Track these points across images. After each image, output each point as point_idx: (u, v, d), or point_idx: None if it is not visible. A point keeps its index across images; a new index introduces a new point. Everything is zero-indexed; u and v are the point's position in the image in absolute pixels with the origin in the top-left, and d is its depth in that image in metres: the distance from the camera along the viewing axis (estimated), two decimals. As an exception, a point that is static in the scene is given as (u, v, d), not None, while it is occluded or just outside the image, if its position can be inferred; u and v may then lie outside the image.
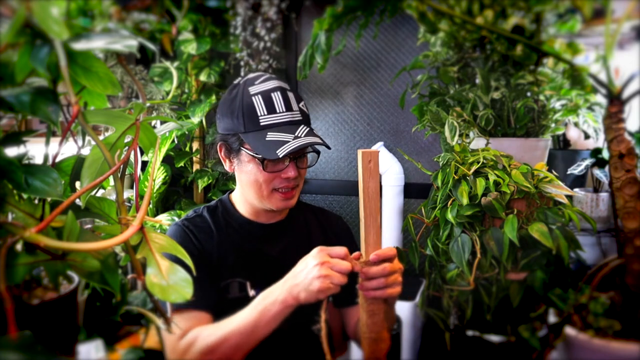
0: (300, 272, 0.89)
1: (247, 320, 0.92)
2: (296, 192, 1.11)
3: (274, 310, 0.90)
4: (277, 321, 0.91)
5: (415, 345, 1.82)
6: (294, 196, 1.11)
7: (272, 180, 1.07)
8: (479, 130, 1.25)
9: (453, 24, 1.32)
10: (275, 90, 1.06)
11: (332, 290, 0.85)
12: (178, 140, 2.29)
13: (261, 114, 1.04)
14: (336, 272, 0.85)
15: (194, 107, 2.27)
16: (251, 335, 0.92)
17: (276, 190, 1.08)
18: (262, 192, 1.08)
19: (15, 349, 0.39)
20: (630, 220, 0.80)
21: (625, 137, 0.82)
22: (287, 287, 0.89)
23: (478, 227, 0.98)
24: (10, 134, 0.59)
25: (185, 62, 2.28)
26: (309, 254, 0.90)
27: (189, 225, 1.12)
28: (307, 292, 0.86)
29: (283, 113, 1.04)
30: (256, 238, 1.15)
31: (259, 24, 2.20)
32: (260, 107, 1.04)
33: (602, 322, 0.77)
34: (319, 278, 0.84)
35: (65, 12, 0.55)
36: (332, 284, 0.85)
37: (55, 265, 0.54)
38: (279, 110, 1.04)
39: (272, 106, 1.04)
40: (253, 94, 1.06)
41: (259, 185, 1.07)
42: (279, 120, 1.04)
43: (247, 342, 0.93)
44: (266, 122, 1.04)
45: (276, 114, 1.04)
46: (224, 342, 0.93)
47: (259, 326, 0.91)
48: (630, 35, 1.16)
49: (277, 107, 1.05)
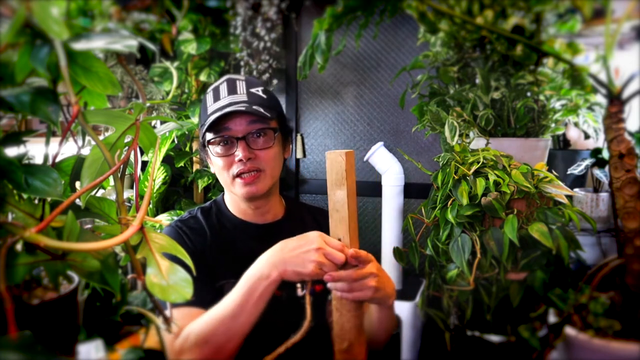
0: (293, 249, 0.88)
1: (234, 302, 0.91)
2: (260, 176, 1.08)
3: (262, 287, 0.89)
4: (266, 298, 0.89)
5: (415, 345, 1.82)
6: (255, 182, 1.08)
7: (230, 166, 1.08)
8: (479, 130, 1.25)
9: (453, 24, 1.32)
10: (224, 81, 1.13)
11: (320, 276, 0.86)
12: (178, 140, 2.29)
13: (210, 104, 1.11)
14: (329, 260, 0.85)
15: (194, 107, 2.27)
16: (240, 318, 0.90)
17: (236, 176, 1.08)
18: (227, 180, 1.10)
19: (15, 349, 0.39)
20: (630, 220, 0.80)
21: (625, 137, 0.81)
22: (274, 261, 0.89)
23: (478, 227, 0.98)
24: (10, 134, 0.59)
25: (185, 62, 2.28)
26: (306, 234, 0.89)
27: (182, 226, 1.12)
28: (295, 272, 0.86)
29: (225, 98, 1.09)
30: (250, 238, 1.14)
31: (259, 24, 2.20)
32: (210, 99, 1.12)
33: (602, 322, 0.77)
34: (313, 262, 0.85)
35: (65, 12, 0.55)
36: (322, 271, 0.85)
37: (55, 265, 0.54)
38: (222, 97, 1.10)
39: (218, 95, 1.11)
40: (208, 91, 1.14)
41: (222, 173, 1.10)
42: (219, 105, 1.08)
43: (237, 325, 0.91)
44: (212, 109, 1.09)
45: (219, 100, 1.09)
46: (215, 329, 0.91)
47: (247, 307, 0.89)
48: (630, 35, 1.16)
49: (222, 94, 1.10)
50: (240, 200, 1.13)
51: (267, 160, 1.09)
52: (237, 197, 1.12)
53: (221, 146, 1.08)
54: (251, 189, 1.07)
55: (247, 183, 1.07)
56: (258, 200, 1.13)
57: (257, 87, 1.12)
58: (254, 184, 1.07)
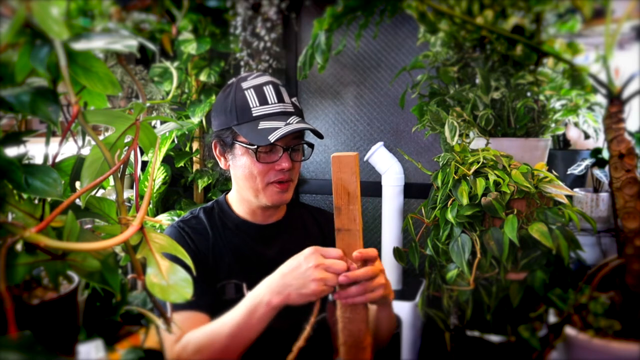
0: (291, 272, 0.86)
1: (233, 322, 0.91)
2: (291, 186, 1.10)
3: (260, 312, 0.88)
4: (264, 322, 0.89)
5: (415, 345, 1.82)
6: (288, 190, 1.09)
7: (267, 172, 1.07)
8: (479, 130, 1.25)
9: (453, 24, 1.32)
10: (267, 84, 1.08)
11: (326, 293, 0.84)
12: (178, 140, 2.29)
13: (253, 105, 1.06)
14: (331, 273, 0.83)
15: (194, 107, 2.27)
16: (238, 337, 0.90)
17: (271, 184, 1.07)
18: (257, 186, 1.08)
19: (15, 349, 0.39)
20: (630, 220, 0.80)
21: (625, 137, 0.81)
22: (275, 288, 0.87)
23: (478, 227, 0.98)
24: (10, 134, 0.59)
25: (185, 62, 2.28)
26: (301, 253, 0.88)
27: (184, 227, 1.12)
28: (298, 294, 0.84)
29: (275, 104, 1.06)
30: (252, 239, 1.14)
31: (259, 24, 2.20)
32: (252, 99, 1.07)
33: (602, 322, 0.77)
34: (314, 281, 0.83)
35: (65, 12, 0.54)
36: (326, 286, 0.83)
37: (55, 265, 0.54)
38: (270, 102, 1.06)
39: (264, 98, 1.07)
40: (245, 88, 1.08)
41: (254, 178, 1.07)
42: (271, 111, 1.06)
43: (235, 343, 0.91)
44: (258, 112, 1.06)
45: (268, 105, 1.06)
46: (212, 343, 0.92)
47: (246, 328, 0.89)
48: (630, 35, 1.17)
49: (269, 98, 1.07)
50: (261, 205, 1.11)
51: (297, 171, 1.12)
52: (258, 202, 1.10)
53: (265, 153, 1.06)
54: (282, 197, 1.09)
55: (282, 190, 1.08)
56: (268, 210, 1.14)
57: (294, 96, 1.13)
58: (286, 192, 1.09)
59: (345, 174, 0.81)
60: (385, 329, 1.06)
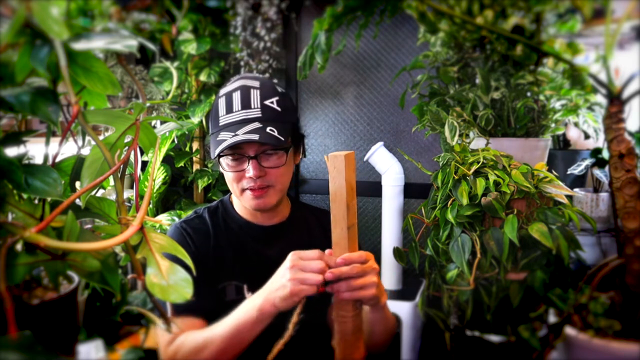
0: (275, 278, 0.88)
1: (229, 327, 0.92)
2: (269, 191, 1.07)
3: (254, 318, 0.89)
4: (259, 328, 0.90)
5: (415, 345, 1.82)
6: (264, 196, 1.07)
7: (239, 180, 1.07)
8: (479, 130, 1.25)
9: (453, 24, 1.32)
10: (237, 89, 1.07)
11: (306, 292, 0.83)
12: (178, 140, 2.29)
13: (222, 113, 1.07)
14: (308, 272, 0.83)
15: (194, 107, 2.27)
16: (234, 342, 0.91)
17: (245, 190, 1.07)
18: (236, 192, 1.09)
19: (15, 349, 0.39)
20: (630, 220, 0.80)
21: (625, 137, 0.81)
22: (265, 295, 0.88)
23: (478, 227, 0.98)
24: (10, 134, 0.59)
25: (185, 62, 2.28)
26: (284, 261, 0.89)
27: (186, 227, 1.12)
28: (281, 298, 0.85)
29: (238, 112, 1.05)
30: (254, 240, 1.14)
31: (259, 24, 2.20)
32: (222, 107, 1.08)
33: (602, 322, 0.77)
34: (290, 281, 0.83)
35: (65, 12, 0.54)
36: (305, 285, 0.83)
37: (55, 265, 0.54)
38: (235, 109, 1.06)
39: (231, 105, 1.06)
40: (220, 95, 1.09)
41: (231, 184, 1.09)
42: (232, 120, 1.05)
43: (230, 347, 0.92)
44: (224, 121, 1.06)
45: (232, 113, 1.06)
46: (207, 347, 0.93)
47: (241, 333, 0.91)
48: (630, 35, 1.17)
49: (235, 105, 1.06)
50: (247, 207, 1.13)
51: (277, 176, 1.08)
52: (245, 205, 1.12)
53: (232, 161, 1.06)
54: (259, 203, 1.07)
55: (256, 197, 1.07)
56: (267, 212, 1.14)
57: (272, 97, 1.07)
58: (262, 197, 1.07)
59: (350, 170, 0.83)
60: (381, 332, 1.05)
